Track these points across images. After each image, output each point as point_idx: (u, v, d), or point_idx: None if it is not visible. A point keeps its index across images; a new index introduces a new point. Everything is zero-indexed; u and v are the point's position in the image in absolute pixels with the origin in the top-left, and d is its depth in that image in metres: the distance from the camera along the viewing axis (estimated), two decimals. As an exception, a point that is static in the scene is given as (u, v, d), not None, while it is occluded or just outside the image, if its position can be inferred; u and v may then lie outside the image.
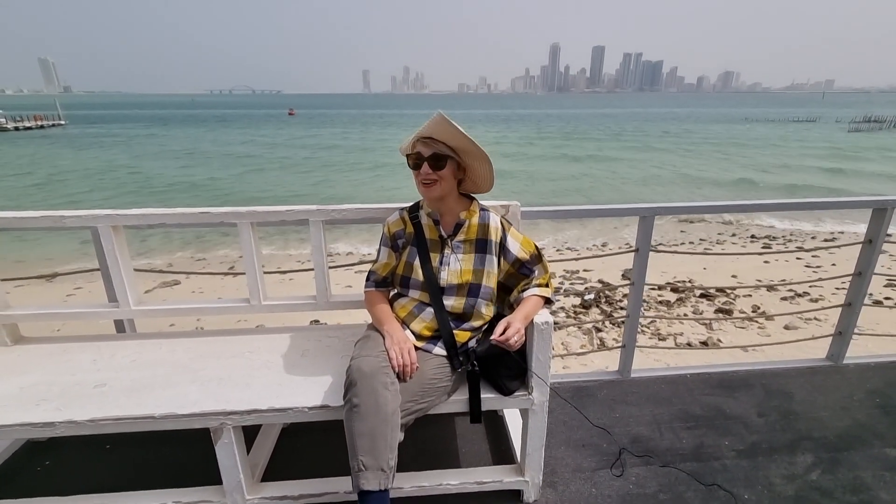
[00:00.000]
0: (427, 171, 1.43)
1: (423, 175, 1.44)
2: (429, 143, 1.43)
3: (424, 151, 1.43)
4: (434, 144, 1.42)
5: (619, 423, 2.03)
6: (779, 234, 11.62)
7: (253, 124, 56.37)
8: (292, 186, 19.95)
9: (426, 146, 1.43)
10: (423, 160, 1.43)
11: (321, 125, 55.79)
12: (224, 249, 10.54)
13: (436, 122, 1.39)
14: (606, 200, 17.55)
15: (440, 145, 1.43)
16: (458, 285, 1.48)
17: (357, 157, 28.32)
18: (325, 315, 5.51)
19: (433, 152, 1.42)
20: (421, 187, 1.47)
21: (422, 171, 1.44)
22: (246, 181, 20.97)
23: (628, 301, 2.23)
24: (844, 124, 50.67)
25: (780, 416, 2.05)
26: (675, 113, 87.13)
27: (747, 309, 6.94)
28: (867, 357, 2.47)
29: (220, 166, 24.77)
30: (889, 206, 2.13)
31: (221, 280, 8.11)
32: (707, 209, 2.12)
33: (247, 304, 1.86)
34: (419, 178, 1.45)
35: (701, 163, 25.63)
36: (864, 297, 2.31)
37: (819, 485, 1.68)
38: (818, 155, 27.34)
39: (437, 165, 1.43)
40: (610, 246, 10.83)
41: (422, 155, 1.43)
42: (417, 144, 1.44)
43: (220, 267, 9.61)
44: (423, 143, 1.43)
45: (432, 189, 1.45)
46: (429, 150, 1.42)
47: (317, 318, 5.76)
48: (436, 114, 1.38)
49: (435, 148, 1.42)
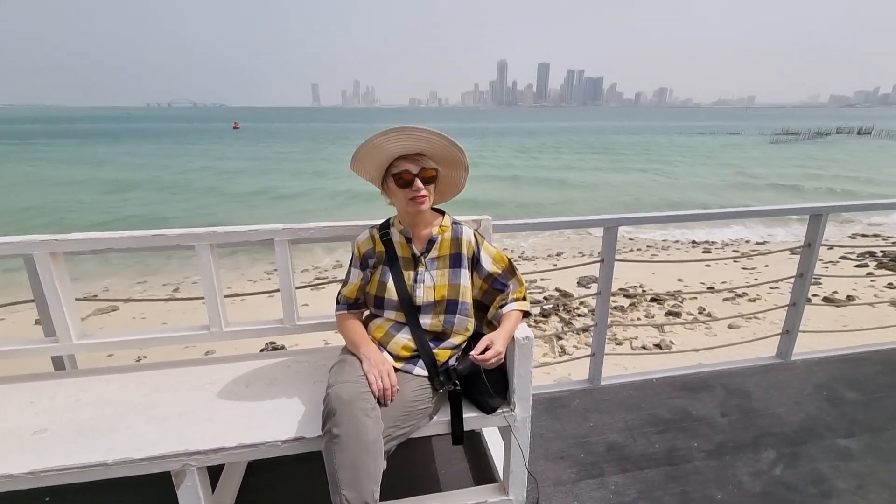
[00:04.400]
0: (420, 186, 1.39)
1: (415, 192, 1.39)
2: (416, 159, 1.40)
3: (412, 168, 1.38)
4: (422, 159, 1.40)
5: (594, 431, 2.05)
6: (717, 239, 12.44)
7: (201, 139, 53.40)
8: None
9: (413, 162, 1.39)
10: (413, 177, 1.38)
11: (280, 140, 53.86)
12: (168, 272, 9.86)
13: (420, 136, 1.34)
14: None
15: (427, 159, 1.41)
16: (435, 302, 1.45)
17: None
18: (289, 340, 5.27)
19: (422, 167, 1.39)
20: (410, 205, 1.41)
21: (414, 187, 1.38)
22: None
23: (596, 310, 2.28)
24: (767, 136, 55.49)
25: (741, 414, 2.15)
26: (635, 126, 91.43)
27: (694, 311, 7.34)
28: (811, 353, 2.66)
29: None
30: (824, 212, 2.33)
31: (165, 305, 7.57)
32: (665, 219, 2.21)
33: (206, 331, 1.73)
34: (408, 195, 1.39)
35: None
36: (807, 296, 2.49)
37: (783, 479, 1.77)
38: (758, 163, 29.53)
39: (429, 180, 1.41)
40: (564, 255, 11.16)
41: (411, 172, 1.38)
42: (401, 162, 1.39)
43: (164, 290, 9.00)
44: (408, 159, 1.39)
45: (424, 204, 1.41)
46: (417, 167, 1.39)
47: (283, 342, 5.49)
48: (406, 127, 1.32)
49: (423, 163, 1.40)
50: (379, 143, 1.35)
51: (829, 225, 2.33)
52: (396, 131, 1.33)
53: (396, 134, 1.33)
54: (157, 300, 3.12)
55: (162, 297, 5.13)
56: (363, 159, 1.40)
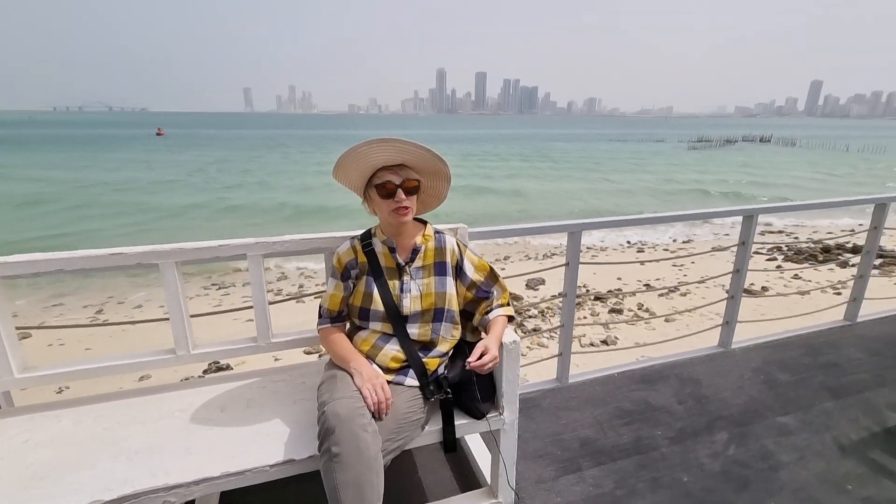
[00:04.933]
0: (403, 198, 1.39)
1: (398, 203, 1.39)
2: (399, 170, 1.40)
3: (395, 179, 1.39)
4: (404, 170, 1.40)
5: (567, 428, 2.13)
6: (648, 240, 13.36)
7: (122, 146, 48.76)
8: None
9: (395, 173, 1.39)
10: (396, 187, 1.39)
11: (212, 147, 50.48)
12: (88, 293, 8.90)
13: (403, 147, 1.35)
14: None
15: (409, 170, 1.41)
16: (422, 311, 1.45)
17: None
18: (263, 358, 4.97)
19: (404, 179, 1.39)
20: (393, 216, 1.41)
21: (397, 198, 1.38)
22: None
23: (563, 311, 2.38)
24: (685, 143, 60.67)
25: (695, 401, 2.34)
26: (572, 133, 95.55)
27: (634, 307, 7.83)
28: (747, 341, 2.94)
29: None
30: (755, 213, 2.59)
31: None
32: (624, 223, 2.37)
33: (172, 355, 1.61)
34: (391, 206, 1.39)
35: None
36: (742, 289, 2.75)
37: (737, 458, 1.94)
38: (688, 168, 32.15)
39: (411, 191, 1.41)
40: (511, 259, 11.48)
41: (393, 182, 1.39)
42: (385, 173, 1.39)
43: (85, 312, 8.15)
44: (391, 170, 1.39)
45: (407, 216, 1.41)
46: (400, 178, 1.39)
47: (256, 361, 5.18)
48: (390, 138, 1.33)
49: (406, 174, 1.40)
50: (363, 152, 1.34)
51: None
52: (380, 142, 1.33)
53: (380, 144, 1.34)
54: (113, 324, 2.76)
55: (119, 322, 4.67)
56: (346, 168, 1.38)
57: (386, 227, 1.50)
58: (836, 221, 14.51)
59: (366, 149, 1.34)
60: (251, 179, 25.74)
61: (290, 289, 8.99)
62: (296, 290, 8.96)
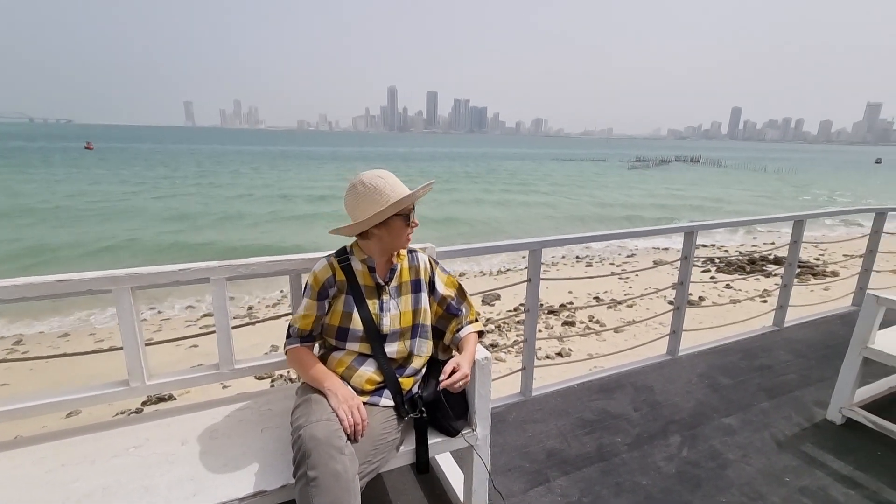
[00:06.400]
0: (416, 222, 1.50)
1: (414, 225, 1.50)
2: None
3: (409, 207, 1.48)
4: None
5: (533, 441, 2.19)
6: (594, 254, 13.99)
7: (46, 161, 44.36)
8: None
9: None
10: (410, 213, 1.48)
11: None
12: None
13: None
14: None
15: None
16: (402, 330, 1.47)
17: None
18: (219, 387, 4.64)
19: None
20: (405, 240, 1.50)
21: (413, 222, 1.48)
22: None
23: (525, 326, 2.46)
24: (625, 163, 64.59)
25: (650, 407, 2.47)
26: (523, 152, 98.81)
27: (585, 319, 8.15)
28: (692, 348, 3.15)
29: None
30: (695, 230, 2.82)
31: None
32: (580, 240, 2.50)
33: (125, 387, 1.52)
34: (408, 231, 1.48)
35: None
36: (686, 300, 2.96)
37: (689, 459, 2.07)
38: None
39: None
40: (467, 275, 11.62)
41: (409, 209, 1.47)
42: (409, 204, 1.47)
43: (3, 344, 7.35)
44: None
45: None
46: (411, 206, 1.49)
47: (219, 388, 4.83)
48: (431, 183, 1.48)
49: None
50: (418, 193, 1.44)
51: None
52: (429, 187, 1.48)
53: (428, 188, 1.47)
54: (55, 357, 2.44)
55: (61, 353, 4.21)
56: (395, 205, 1.40)
57: (383, 248, 1.49)
58: (757, 236, 15.88)
59: (422, 192, 1.45)
60: (196, 200, 23.87)
61: (237, 311, 8.60)
62: (244, 313, 8.58)
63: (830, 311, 3.86)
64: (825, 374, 2.78)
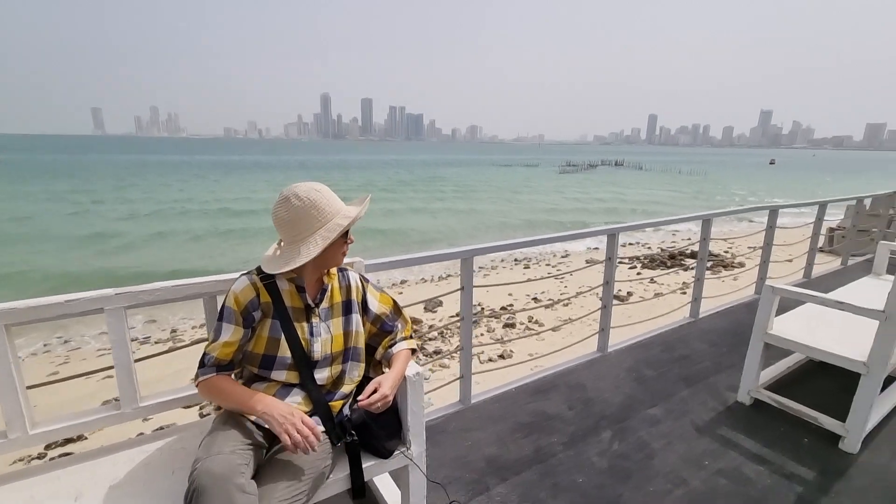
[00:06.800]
0: (352, 237, 1.45)
1: (350, 241, 1.45)
2: None
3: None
4: None
5: (472, 450, 2.18)
6: (532, 255, 14.47)
7: None
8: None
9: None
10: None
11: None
12: None
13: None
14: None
15: None
16: (333, 355, 1.39)
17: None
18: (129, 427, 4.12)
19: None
20: (340, 258, 1.44)
21: (348, 238, 1.43)
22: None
23: (461, 335, 2.46)
24: (557, 167, 67.81)
25: (583, 405, 2.56)
26: (462, 159, 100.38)
27: (525, 320, 8.38)
28: (619, 343, 3.32)
29: None
30: (616, 231, 2.98)
31: None
32: (509, 247, 2.54)
33: (3, 439, 1.31)
34: (344, 249, 1.43)
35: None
36: (612, 299, 3.12)
37: (620, 452, 2.16)
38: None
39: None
40: (409, 283, 11.56)
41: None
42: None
43: None
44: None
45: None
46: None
47: (118, 431, 4.26)
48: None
49: None
50: (362, 214, 1.40)
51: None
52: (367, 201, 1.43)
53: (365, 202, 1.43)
54: None
55: None
56: (336, 227, 1.35)
57: (316, 267, 1.40)
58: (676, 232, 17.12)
59: (364, 209, 1.40)
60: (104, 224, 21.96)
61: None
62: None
63: (738, 301, 4.25)
64: (735, 360, 3.04)
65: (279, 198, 1.33)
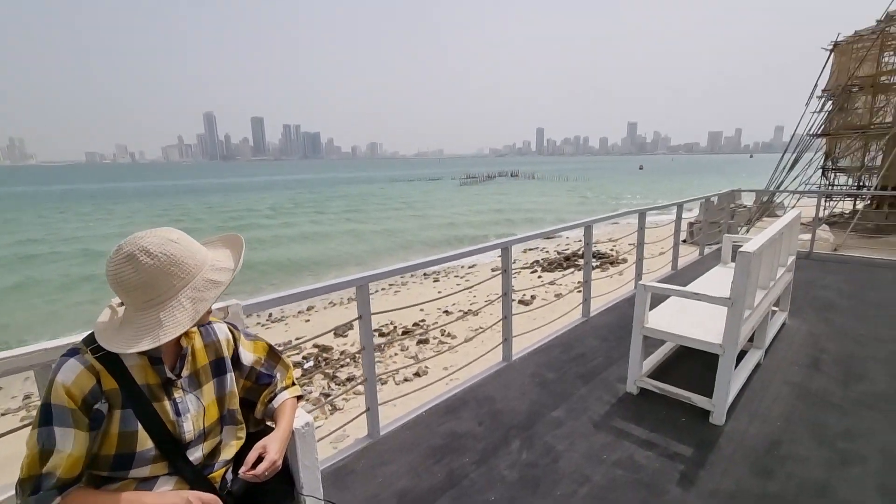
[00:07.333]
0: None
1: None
2: None
3: None
4: None
5: (383, 486, 2.08)
6: (440, 269, 14.68)
7: None
8: None
9: None
10: None
11: None
12: None
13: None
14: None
15: None
16: (207, 429, 1.19)
17: None
18: None
19: None
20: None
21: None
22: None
23: (363, 366, 2.36)
24: (457, 180, 70.43)
25: (492, 418, 2.59)
26: (365, 176, 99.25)
27: (438, 334, 8.42)
28: (524, 350, 3.45)
29: None
30: (510, 245, 3.11)
31: None
32: (408, 269, 2.50)
33: None
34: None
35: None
36: (512, 309, 3.23)
37: (528, 461, 2.22)
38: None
39: None
40: (316, 308, 11.03)
41: None
42: None
43: None
44: None
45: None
46: None
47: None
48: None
49: None
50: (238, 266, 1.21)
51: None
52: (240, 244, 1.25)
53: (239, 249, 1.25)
54: None
55: None
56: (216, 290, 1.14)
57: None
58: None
59: (241, 259, 1.22)
60: None
61: None
62: None
63: (622, 296, 4.68)
64: (623, 353, 3.31)
65: (119, 255, 1.02)
